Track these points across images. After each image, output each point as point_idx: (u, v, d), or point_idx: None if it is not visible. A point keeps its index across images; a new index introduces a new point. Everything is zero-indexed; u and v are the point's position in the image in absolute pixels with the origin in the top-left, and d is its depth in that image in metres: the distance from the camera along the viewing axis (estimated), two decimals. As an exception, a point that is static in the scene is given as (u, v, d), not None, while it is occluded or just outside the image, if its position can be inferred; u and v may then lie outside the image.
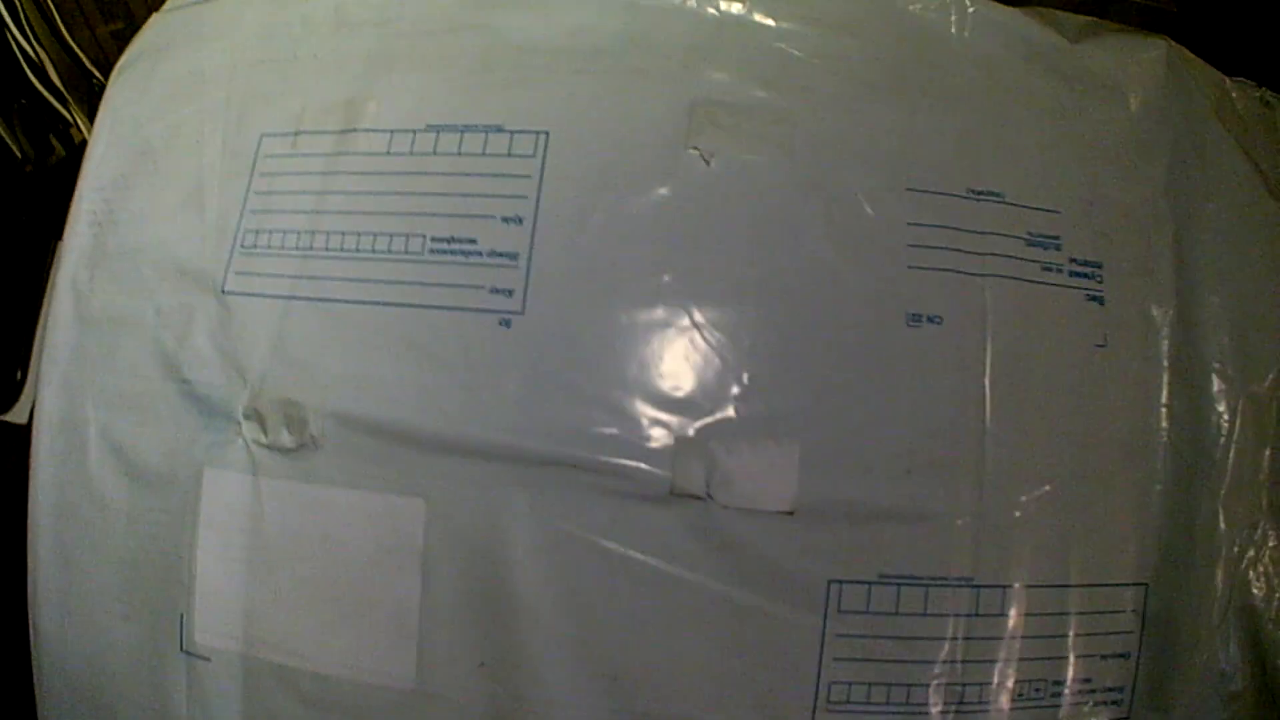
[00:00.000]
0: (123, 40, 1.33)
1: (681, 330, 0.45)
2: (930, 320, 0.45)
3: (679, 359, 0.44)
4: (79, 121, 0.80)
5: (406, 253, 0.47)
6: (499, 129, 0.48)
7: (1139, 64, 0.50)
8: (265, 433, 0.47)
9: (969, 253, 0.46)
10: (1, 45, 0.73)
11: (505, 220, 0.46)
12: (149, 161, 0.54)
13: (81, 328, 0.52)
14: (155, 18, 0.59)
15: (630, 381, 0.44)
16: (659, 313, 0.45)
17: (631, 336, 0.44)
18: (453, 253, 0.46)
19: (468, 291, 0.45)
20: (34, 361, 0.66)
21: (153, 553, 0.48)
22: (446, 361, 0.45)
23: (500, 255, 0.46)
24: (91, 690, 0.49)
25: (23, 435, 0.63)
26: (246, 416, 0.47)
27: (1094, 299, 0.46)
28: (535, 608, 0.43)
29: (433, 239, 0.47)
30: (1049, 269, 0.46)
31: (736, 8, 0.49)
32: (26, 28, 0.76)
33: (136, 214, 0.53)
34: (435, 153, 0.48)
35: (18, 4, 0.71)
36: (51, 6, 0.79)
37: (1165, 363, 0.47)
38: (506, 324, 0.45)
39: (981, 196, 0.46)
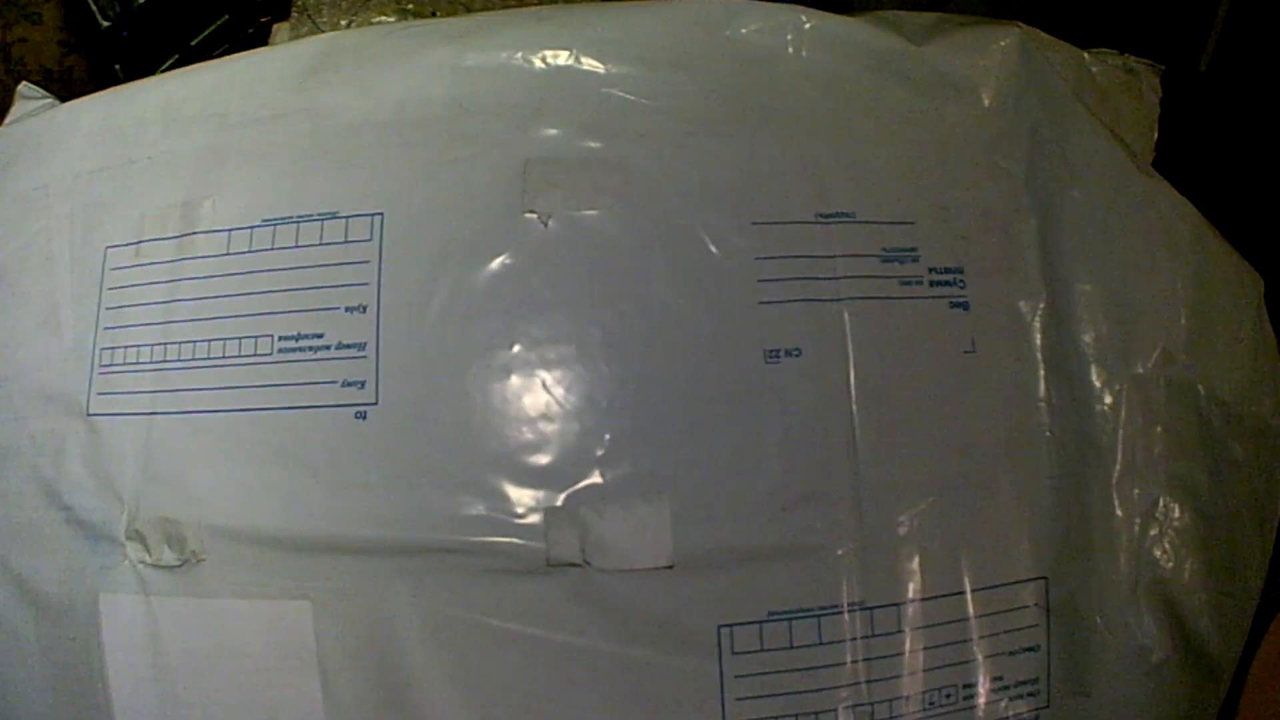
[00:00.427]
0: None
1: (537, 399, 0.45)
2: (789, 354, 0.45)
3: (538, 429, 0.45)
4: None
5: (256, 354, 0.47)
6: (334, 215, 0.48)
7: (989, 56, 0.50)
8: (149, 552, 0.47)
9: (822, 279, 0.46)
10: None
11: (349, 310, 0.46)
12: (5, 285, 0.54)
13: None
14: (3, 127, 0.60)
15: (493, 458, 0.44)
16: (513, 384, 0.45)
17: (488, 413, 0.45)
18: (301, 349, 0.46)
19: (321, 388, 0.46)
20: None
21: (69, 680, 0.49)
22: (309, 462, 0.45)
23: (348, 347, 0.46)
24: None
25: None
26: (129, 537, 0.48)
27: (957, 305, 0.46)
28: (432, 693, 0.44)
29: (280, 338, 0.47)
30: (908, 283, 0.46)
31: (562, 57, 0.49)
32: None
33: (3, 341, 0.54)
34: (274, 247, 0.48)
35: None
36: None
37: (1040, 358, 0.47)
38: (362, 416, 0.45)
39: (830, 219, 0.46)
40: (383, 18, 0.86)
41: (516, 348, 0.45)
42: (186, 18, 0.90)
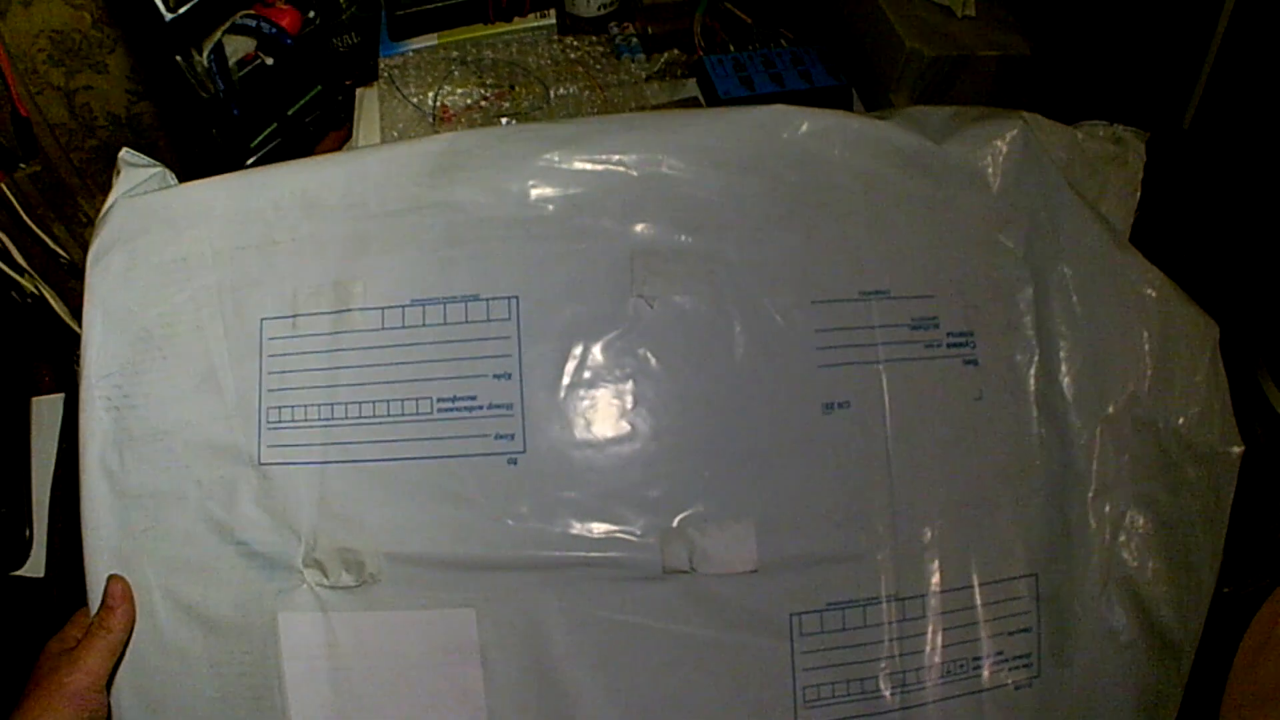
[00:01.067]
0: (39, 182, 1.61)
1: (651, 446, 0.73)
2: (840, 406, 0.74)
3: (652, 469, 0.73)
4: (35, 280, 1.01)
5: (418, 414, 0.74)
6: (475, 298, 0.75)
7: (996, 148, 0.78)
8: (327, 576, 0.73)
9: (865, 345, 0.74)
10: None
11: (496, 377, 0.73)
12: (154, 348, 0.79)
13: (122, 504, 0.76)
14: (120, 205, 0.82)
15: (619, 492, 0.72)
16: (630, 434, 0.73)
17: (614, 457, 0.73)
18: (457, 409, 0.73)
19: (476, 440, 0.73)
20: (36, 517, 0.91)
21: (242, 689, 0.74)
22: (470, 499, 0.72)
23: (498, 407, 0.73)
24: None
25: (38, 588, 0.90)
26: (307, 565, 0.73)
27: (969, 362, 0.76)
28: (577, 676, 0.72)
29: (438, 400, 0.74)
30: (931, 346, 0.75)
31: (651, 163, 0.77)
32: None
33: (154, 398, 0.78)
34: (424, 324, 0.75)
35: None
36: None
37: (1033, 402, 0.76)
38: (514, 462, 0.72)
39: (870, 296, 0.75)
40: (464, 89, 1.17)
41: (632, 405, 0.73)
42: (283, 90, 1.16)
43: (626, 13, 1.29)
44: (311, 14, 1.14)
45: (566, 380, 0.74)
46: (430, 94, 1.18)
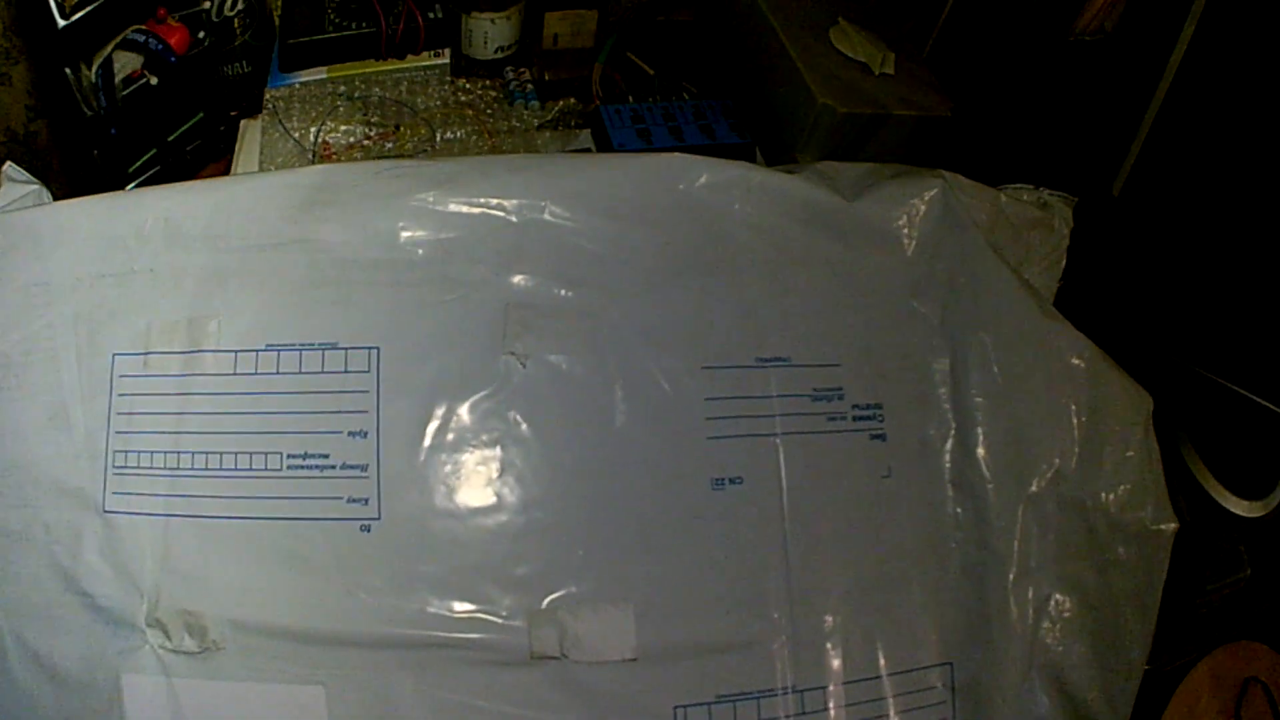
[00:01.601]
0: None
1: (519, 518, 0.67)
2: (732, 482, 0.67)
3: (521, 543, 0.66)
4: None
5: (266, 469, 0.68)
6: (334, 346, 0.68)
7: (914, 208, 0.72)
8: (170, 638, 0.68)
9: (761, 416, 0.68)
10: None
11: (351, 435, 0.67)
12: (10, 375, 0.73)
13: None
14: None
15: (483, 567, 0.66)
16: (498, 504, 0.67)
17: (477, 529, 0.66)
18: (308, 467, 0.67)
19: (328, 503, 0.67)
20: None
21: None
22: (320, 566, 0.66)
23: (352, 467, 0.67)
24: None
25: None
26: (149, 625, 0.68)
27: (876, 437, 0.69)
28: (431, 771, 0.64)
29: (289, 455, 0.67)
30: (834, 419, 0.69)
31: (534, 209, 0.70)
32: None
33: (7, 430, 0.73)
34: (278, 372, 0.68)
35: None
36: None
37: (947, 479, 0.70)
38: (366, 529, 0.66)
39: (768, 363, 0.69)
40: (348, 126, 1.13)
41: (500, 473, 0.67)
42: (165, 114, 1.11)
43: (524, 58, 1.25)
44: (202, 34, 1.10)
45: (428, 442, 0.67)
46: (313, 129, 1.13)
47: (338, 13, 1.22)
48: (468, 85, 1.20)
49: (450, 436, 0.67)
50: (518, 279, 0.69)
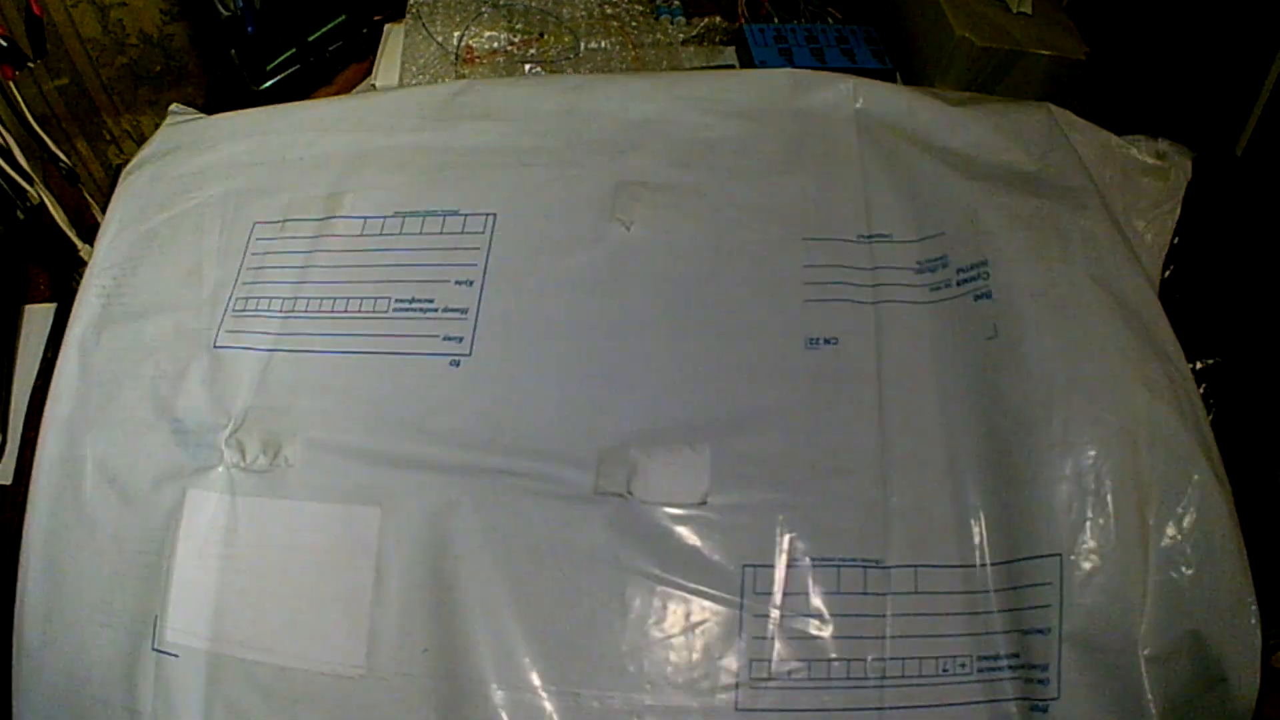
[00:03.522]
0: (67, 95, 1.66)
1: (602, 360, 0.71)
2: (827, 341, 0.70)
3: (604, 385, 0.71)
4: (42, 192, 1.02)
5: (374, 312, 0.76)
6: (455, 212, 0.78)
7: (1020, 129, 0.77)
8: (244, 456, 0.73)
9: (860, 285, 0.72)
10: None
11: (458, 283, 0.75)
12: (155, 246, 0.85)
13: (85, 380, 0.79)
14: (163, 129, 0.93)
15: (559, 403, 0.70)
16: (582, 348, 0.72)
17: (559, 369, 0.72)
18: (413, 310, 0.75)
19: (424, 340, 0.74)
20: (12, 425, 0.95)
21: (135, 565, 0.73)
22: (404, 395, 0.72)
23: (453, 310, 0.74)
24: (67, 696, 0.72)
25: (6, 494, 0.91)
26: (228, 445, 0.74)
27: (982, 297, 0.68)
28: (477, 596, 0.66)
29: (397, 300, 0.76)
30: (937, 288, 0.71)
31: (654, 108, 0.80)
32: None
33: (142, 287, 0.83)
34: (401, 233, 0.78)
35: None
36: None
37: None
38: (456, 364, 0.72)
39: (871, 239, 0.74)
40: (491, 32, 1.15)
41: (593, 320, 0.73)
42: (306, 14, 1.15)
43: None
44: None
45: (527, 292, 0.74)
46: (456, 34, 1.14)
47: None
48: None
49: (548, 288, 0.74)
50: (633, 161, 0.78)
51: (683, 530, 0.66)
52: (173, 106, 0.98)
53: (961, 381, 0.67)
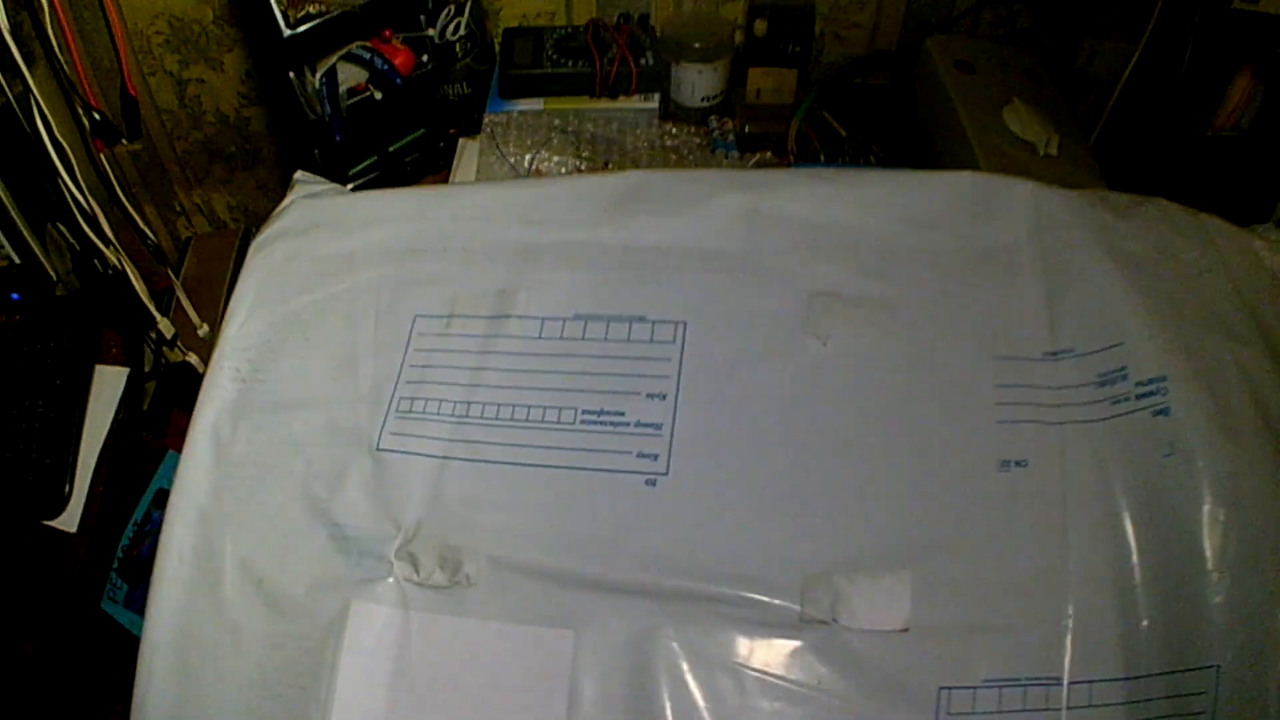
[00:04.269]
0: (140, 162, 1.65)
1: (804, 484, 0.69)
2: (1018, 464, 0.69)
3: (804, 508, 0.69)
4: (123, 259, 1.06)
5: (559, 423, 0.73)
6: (642, 319, 0.76)
7: (1182, 232, 0.77)
8: (418, 572, 0.70)
9: (1047, 405, 0.71)
10: (42, 168, 0.98)
11: (650, 396, 0.73)
12: (298, 330, 0.81)
13: (221, 471, 0.76)
14: (297, 204, 0.89)
15: (763, 527, 0.68)
16: (783, 469, 0.70)
17: (762, 491, 0.70)
18: (601, 424, 0.73)
19: (616, 456, 0.71)
20: (79, 476, 1.01)
21: (286, 674, 0.69)
22: (596, 514, 0.70)
23: (646, 425, 0.72)
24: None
25: (70, 543, 0.98)
26: (399, 558, 0.71)
27: (1160, 413, 0.68)
28: (681, 723, 0.64)
29: (583, 411, 0.73)
30: (1117, 401, 0.70)
31: (841, 212, 0.79)
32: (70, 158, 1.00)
33: (286, 376, 0.79)
34: (583, 338, 0.76)
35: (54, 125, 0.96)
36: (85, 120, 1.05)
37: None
38: (652, 483, 0.70)
39: (1057, 356, 0.73)
40: (560, 157, 1.21)
41: (790, 440, 0.71)
42: (387, 126, 1.21)
43: (727, 108, 1.33)
44: (425, 58, 1.19)
45: (723, 407, 0.73)
46: (527, 156, 1.21)
47: (556, 50, 1.31)
48: (674, 130, 1.27)
49: (746, 405, 0.72)
50: (822, 270, 0.77)
51: (883, 655, 0.65)
52: (298, 175, 0.95)
53: (1137, 497, 0.67)
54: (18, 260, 1.09)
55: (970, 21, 1.45)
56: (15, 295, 1.13)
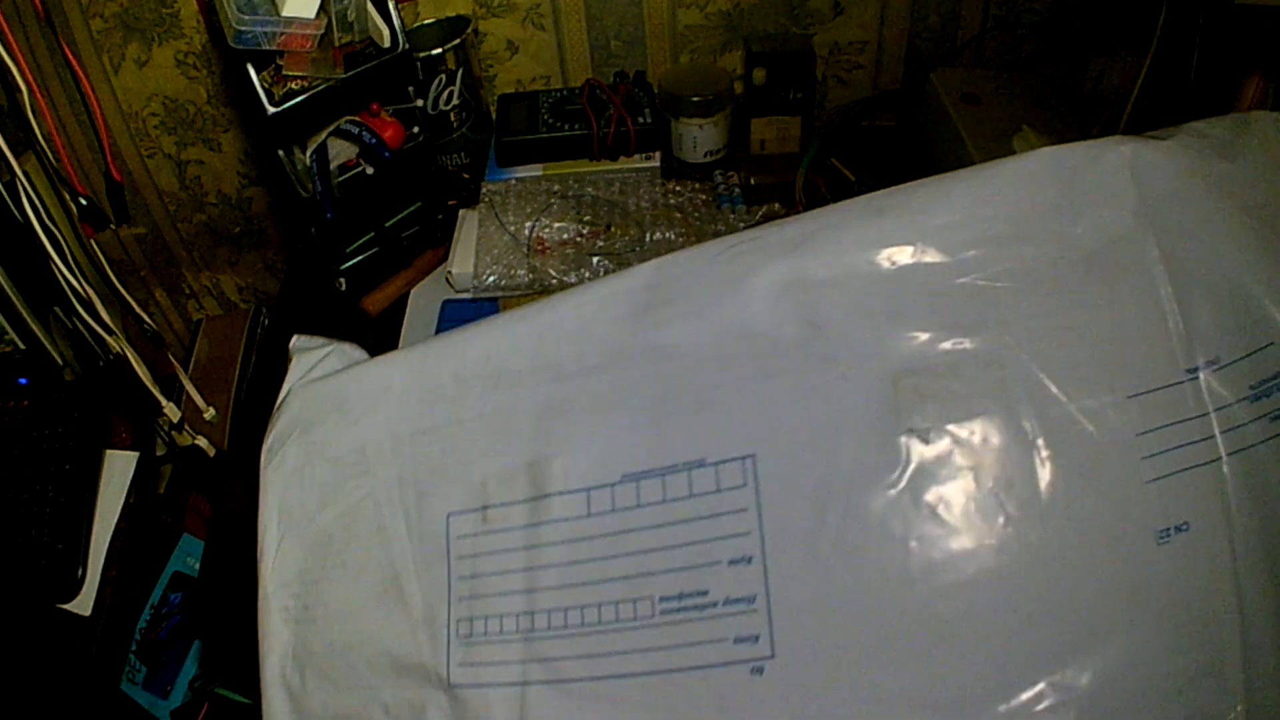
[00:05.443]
0: (145, 245, 1.60)
1: (940, 629, 0.54)
2: (1179, 530, 0.53)
3: (944, 657, 0.54)
4: (120, 341, 1.07)
5: (636, 619, 0.60)
6: (700, 463, 0.60)
7: None
8: None
9: (1199, 441, 0.54)
10: (37, 254, 0.98)
11: (733, 563, 0.58)
12: (333, 554, 0.69)
13: None
14: (295, 394, 0.75)
15: (902, 695, 0.54)
16: (912, 612, 0.55)
17: (892, 651, 0.55)
18: (685, 609, 0.59)
19: (710, 647, 0.58)
20: (92, 561, 1.00)
21: None
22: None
23: (736, 601, 0.58)
24: None
25: (85, 626, 0.97)
26: None
27: None
28: None
29: (661, 599, 0.59)
30: (1277, 417, 0.54)
31: (907, 254, 0.60)
32: (63, 243, 0.99)
33: (334, 610, 0.68)
34: (639, 505, 0.61)
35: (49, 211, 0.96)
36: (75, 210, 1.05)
37: None
38: (759, 671, 0.56)
39: (1199, 372, 0.55)
40: (561, 223, 1.14)
41: (914, 579, 0.55)
42: (382, 201, 1.15)
43: (731, 161, 1.31)
44: (415, 130, 1.14)
45: (826, 557, 0.57)
46: (528, 224, 1.16)
47: (551, 114, 1.27)
48: (678, 188, 1.23)
49: (852, 546, 0.57)
50: (902, 339, 0.59)
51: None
52: (295, 341, 0.81)
53: None
54: (22, 346, 1.10)
55: (974, 52, 1.38)
56: (23, 380, 1.13)
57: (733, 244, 0.64)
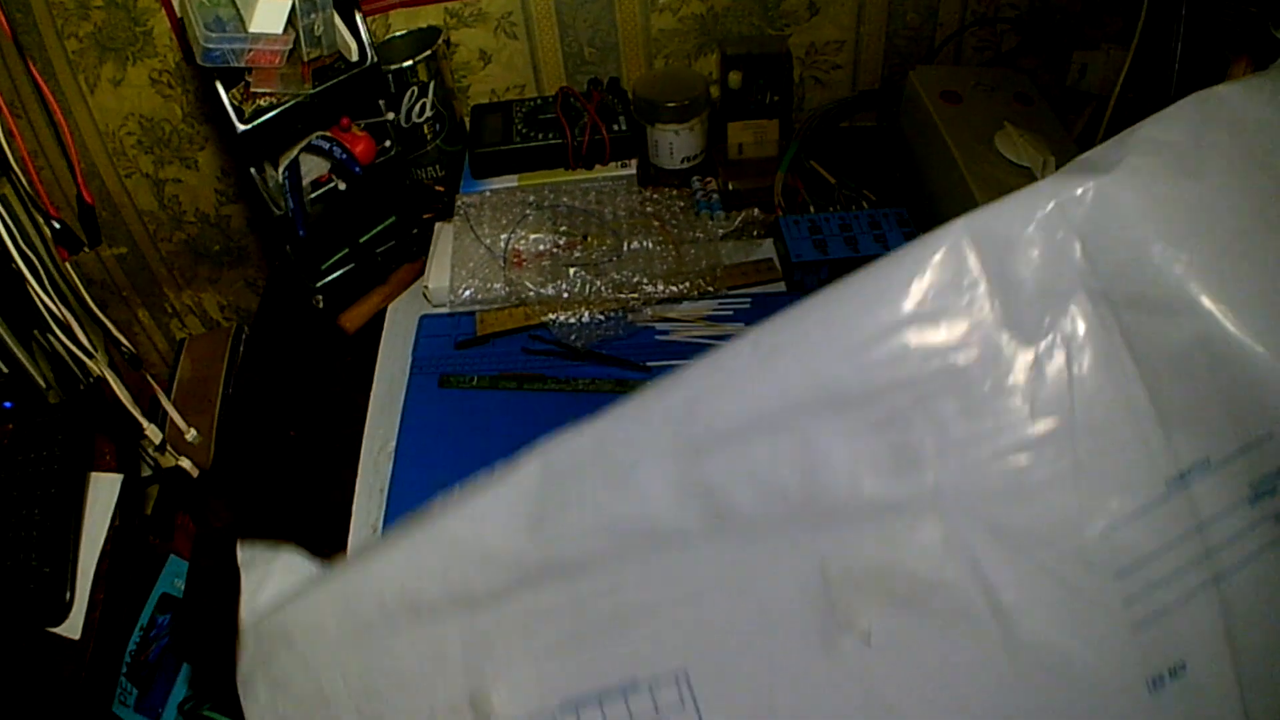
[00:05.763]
0: (126, 265, 1.60)
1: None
2: (1173, 675, 0.48)
3: None
4: (100, 364, 1.06)
5: None
6: (633, 686, 0.56)
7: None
8: None
9: (1193, 563, 0.48)
10: (15, 280, 0.97)
11: None
12: None
13: None
14: (248, 631, 0.69)
15: None
16: None
17: None
18: None
19: None
20: (80, 584, 0.99)
21: None
22: None
23: None
24: None
25: (74, 649, 0.96)
26: None
27: None
28: None
29: None
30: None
31: (816, 402, 0.51)
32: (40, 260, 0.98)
33: None
34: None
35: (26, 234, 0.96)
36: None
37: None
38: None
39: (1186, 479, 0.47)
40: (537, 234, 1.13)
41: None
42: (355, 217, 1.14)
43: (709, 167, 1.28)
44: (388, 143, 1.12)
45: None
46: (503, 236, 1.15)
47: (525, 124, 1.26)
48: (655, 195, 1.21)
49: None
50: (820, 512, 0.51)
51: None
52: (242, 554, 0.75)
53: None
54: (5, 370, 1.09)
55: (953, 49, 1.34)
56: (8, 404, 1.13)
57: (615, 421, 0.57)
